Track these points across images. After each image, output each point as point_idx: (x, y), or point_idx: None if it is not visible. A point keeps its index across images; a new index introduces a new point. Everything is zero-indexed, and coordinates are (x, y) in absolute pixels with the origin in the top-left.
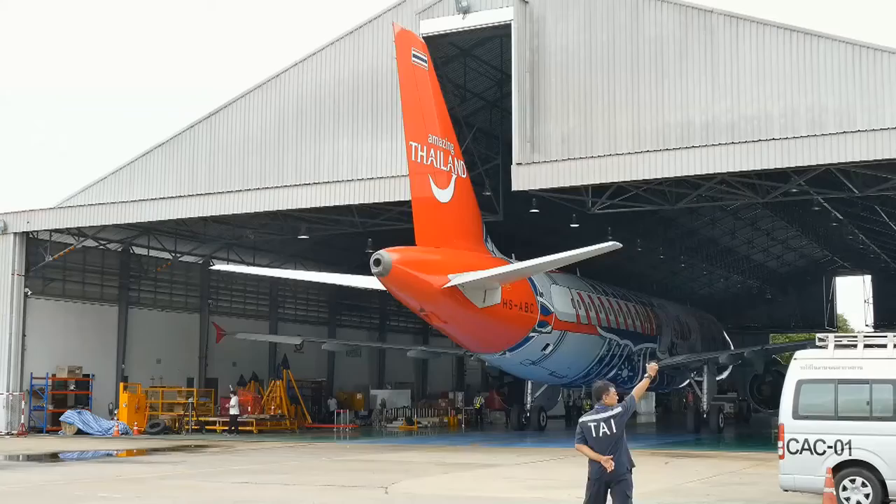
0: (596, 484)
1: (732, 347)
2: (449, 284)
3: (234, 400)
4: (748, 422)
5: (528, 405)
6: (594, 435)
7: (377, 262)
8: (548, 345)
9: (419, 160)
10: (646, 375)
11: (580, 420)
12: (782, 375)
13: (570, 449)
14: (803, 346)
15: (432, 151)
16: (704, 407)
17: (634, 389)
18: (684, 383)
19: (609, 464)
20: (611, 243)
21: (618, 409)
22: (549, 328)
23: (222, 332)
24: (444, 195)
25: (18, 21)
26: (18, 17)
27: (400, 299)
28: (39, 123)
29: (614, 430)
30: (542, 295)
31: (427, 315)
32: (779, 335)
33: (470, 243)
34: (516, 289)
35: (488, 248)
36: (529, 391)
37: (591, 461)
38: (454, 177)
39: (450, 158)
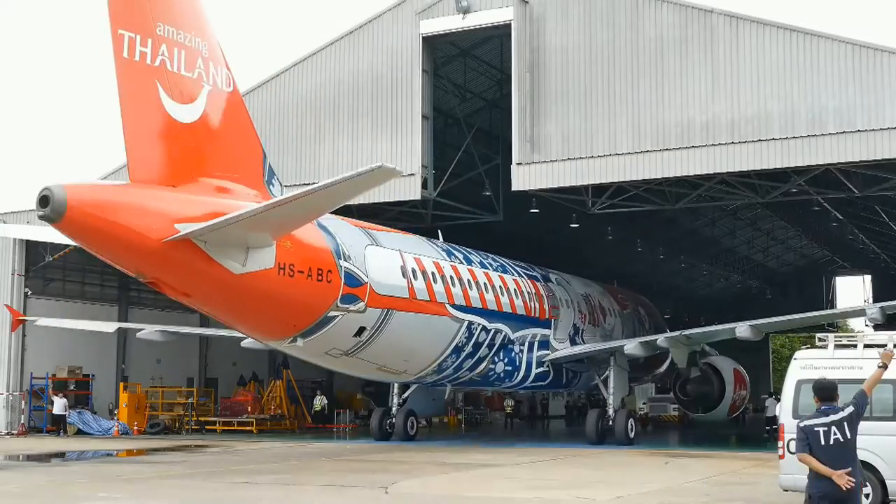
0: None
1: None
2: (177, 236)
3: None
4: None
5: (395, 409)
6: (822, 443)
7: (44, 202)
8: (362, 328)
9: (137, 57)
10: (878, 365)
11: (801, 424)
12: (715, 370)
13: (571, 449)
14: (732, 332)
15: (163, 48)
16: (610, 411)
17: (865, 383)
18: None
19: (844, 480)
20: (376, 165)
21: (850, 410)
22: (360, 304)
23: (20, 319)
24: (184, 112)
25: (17, 20)
26: (17, 16)
27: (106, 259)
28: (39, 123)
29: (848, 437)
30: (348, 258)
31: (155, 283)
32: (779, 335)
33: (235, 182)
34: (303, 248)
35: (273, 192)
36: (396, 392)
37: (814, 476)
38: (206, 89)
39: (199, 62)
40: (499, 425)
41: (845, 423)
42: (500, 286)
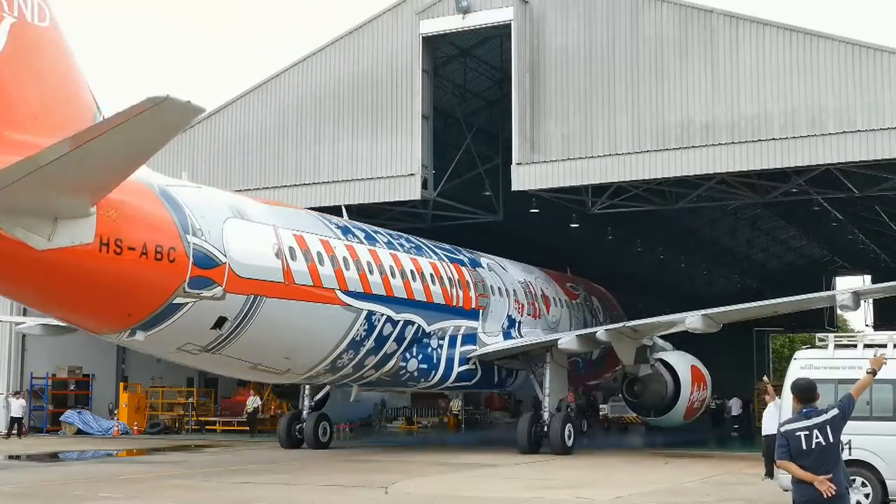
0: None
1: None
2: None
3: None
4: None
5: (305, 413)
6: (804, 447)
7: None
8: (222, 319)
9: None
10: (867, 371)
11: (782, 429)
12: (668, 367)
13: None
14: (672, 324)
15: None
16: (545, 415)
17: (854, 386)
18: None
19: (826, 486)
20: (163, 95)
21: (834, 413)
22: (216, 289)
23: None
24: None
25: None
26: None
27: None
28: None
29: (831, 440)
30: (199, 233)
31: None
32: (779, 335)
33: (38, 133)
34: (135, 220)
35: None
36: (307, 393)
37: (797, 482)
38: (7, 21)
39: None
40: (500, 424)
41: (828, 427)
42: (411, 270)
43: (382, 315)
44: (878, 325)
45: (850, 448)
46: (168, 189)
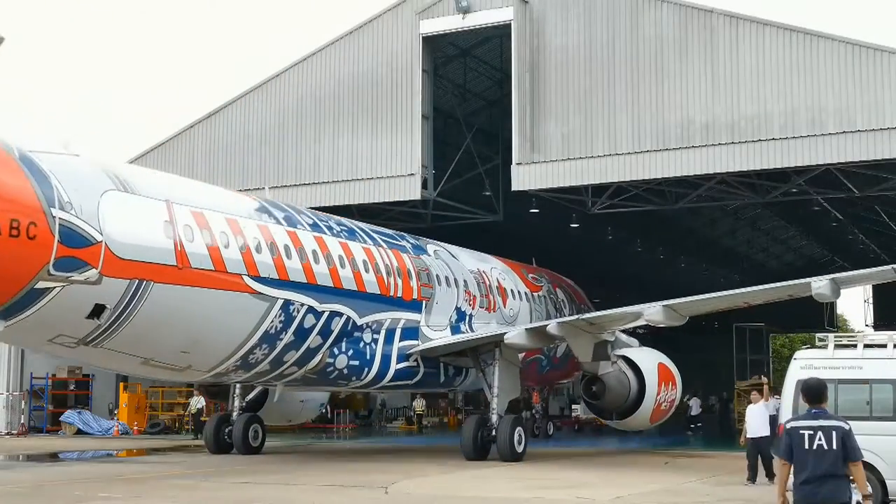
0: None
1: None
2: None
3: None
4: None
5: (234, 414)
6: (806, 447)
7: None
8: (101, 307)
9: None
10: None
11: (788, 425)
12: (632, 365)
13: (571, 449)
14: (631, 317)
15: None
16: (493, 417)
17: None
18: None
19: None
20: None
21: (847, 428)
22: (89, 272)
23: None
24: None
25: (14, 16)
26: (14, 11)
27: None
28: (37, 123)
29: (833, 447)
30: (68, 206)
31: None
32: (779, 335)
33: None
34: None
35: None
36: (237, 393)
37: (798, 484)
38: None
39: None
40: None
41: (833, 433)
42: (339, 256)
43: (303, 305)
44: (878, 325)
45: None
46: (31, 155)
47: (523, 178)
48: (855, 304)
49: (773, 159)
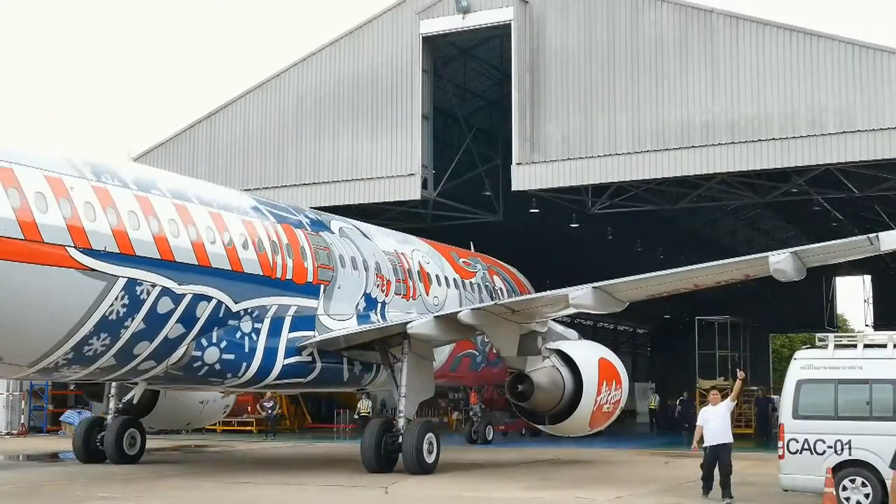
0: None
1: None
2: None
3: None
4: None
5: (109, 416)
6: None
7: None
8: None
9: None
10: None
11: None
12: (567, 361)
13: (571, 449)
14: (557, 302)
15: None
16: (400, 422)
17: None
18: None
19: None
20: None
21: None
22: None
23: None
24: None
25: (15, 17)
26: (15, 12)
27: None
28: (37, 123)
29: None
30: None
31: None
32: (779, 335)
33: None
34: None
35: None
36: (112, 393)
37: None
38: None
39: None
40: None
41: None
42: (208, 228)
43: (154, 285)
44: (878, 325)
45: (850, 448)
46: None
47: (523, 178)
48: (855, 304)
49: (773, 159)
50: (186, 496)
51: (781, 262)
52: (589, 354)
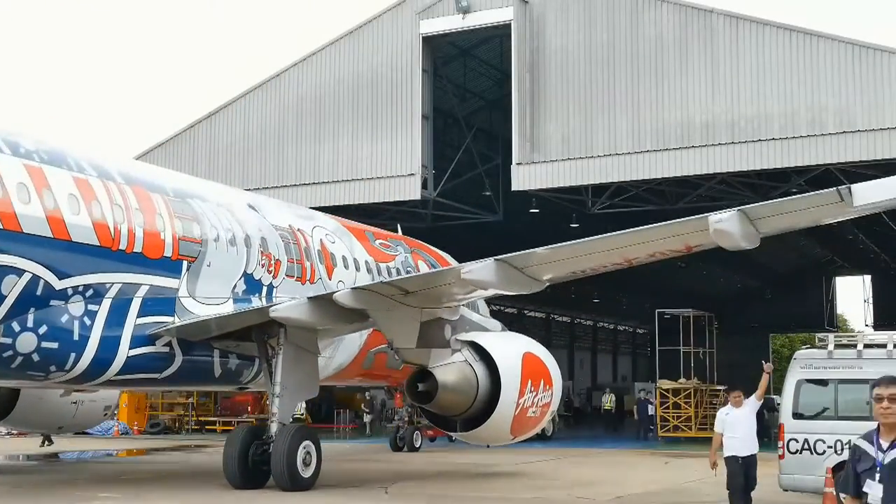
0: None
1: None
2: None
3: None
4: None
5: None
6: None
7: None
8: None
9: None
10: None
11: None
12: (483, 355)
13: (571, 449)
14: (457, 276)
15: None
16: (272, 427)
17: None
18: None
19: None
20: None
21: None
22: None
23: None
24: None
25: (15, 18)
26: (15, 13)
27: None
28: (37, 123)
29: None
30: None
31: None
32: (779, 335)
33: None
34: None
35: None
36: None
37: None
38: None
39: None
40: None
41: None
42: (21, 184)
43: None
44: (878, 325)
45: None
46: None
47: (523, 178)
48: (855, 304)
49: (773, 159)
50: (186, 496)
51: (725, 223)
52: (510, 348)
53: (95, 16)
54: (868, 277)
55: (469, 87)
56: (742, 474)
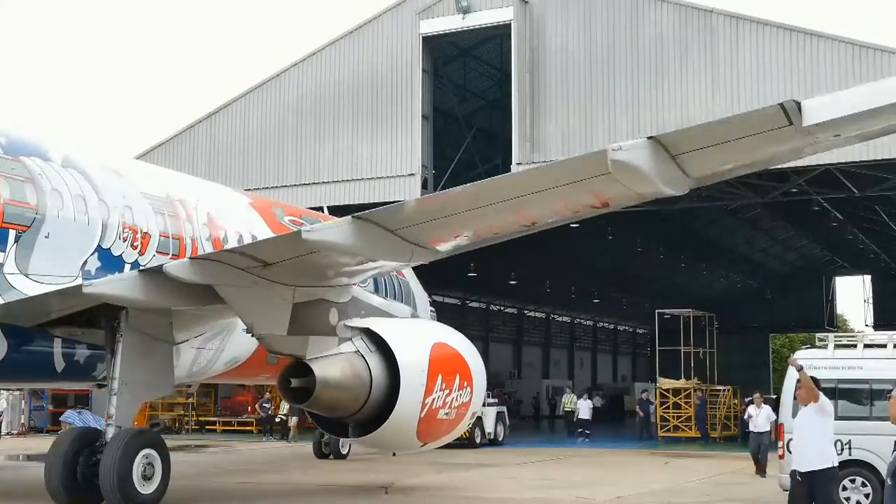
0: None
1: (412, 292)
2: None
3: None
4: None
5: None
6: None
7: None
8: None
9: None
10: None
11: None
12: (378, 344)
13: (571, 449)
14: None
15: None
16: (108, 432)
17: None
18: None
19: None
20: None
21: None
22: None
23: None
24: None
25: (15, 18)
26: (16, 13)
27: None
28: (37, 122)
29: None
30: None
31: None
32: (779, 335)
33: None
34: None
35: None
36: None
37: None
38: None
39: None
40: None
41: None
42: None
43: None
44: (878, 325)
45: (850, 448)
46: None
47: None
48: (855, 304)
49: None
50: (186, 496)
51: (628, 153)
52: (415, 337)
53: (96, 16)
54: (868, 277)
55: (469, 87)
56: (807, 493)
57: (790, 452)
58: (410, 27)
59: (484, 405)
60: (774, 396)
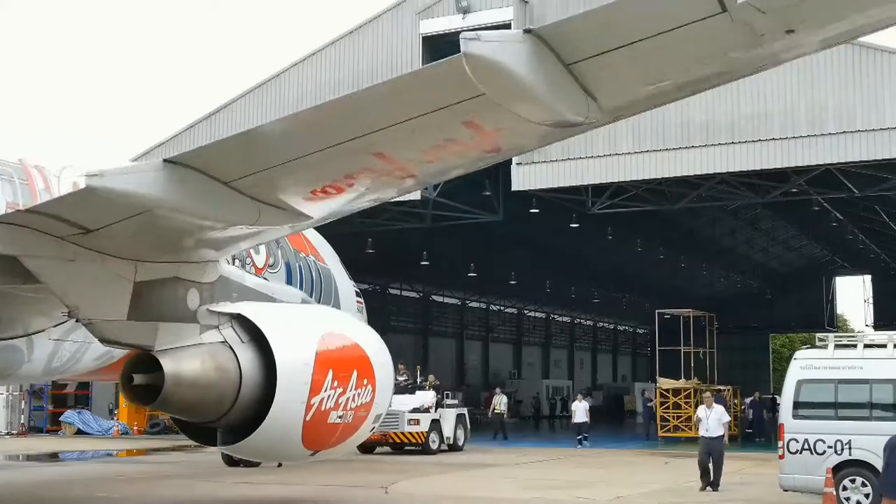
0: None
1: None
2: None
3: None
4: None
5: None
6: None
7: None
8: None
9: None
10: None
11: None
12: (254, 335)
13: (570, 449)
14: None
15: None
16: None
17: None
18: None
19: None
20: None
21: None
22: None
23: None
24: None
25: (15, 18)
26: (16, 14)
27: None
28: (37, 123)
29: None
30: None
31: None
32: (779, 335)
33: None
34: None
35: None
36: None
37: None
38: None
39: None
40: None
41: None
42: None
43: None
44: (878, 325)
45: (850, 448)
46: None
47: (523, 178)
48: (855, 304)
49: (773, 159)
50: (186, 496)
51: (487, 45)
52: (299, 325)
53: (96, 16)
54: (868, 277)
55: None
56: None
57: (791, 453)
58: (410, 27)
59: (443, 406)
60: (772, 396)
